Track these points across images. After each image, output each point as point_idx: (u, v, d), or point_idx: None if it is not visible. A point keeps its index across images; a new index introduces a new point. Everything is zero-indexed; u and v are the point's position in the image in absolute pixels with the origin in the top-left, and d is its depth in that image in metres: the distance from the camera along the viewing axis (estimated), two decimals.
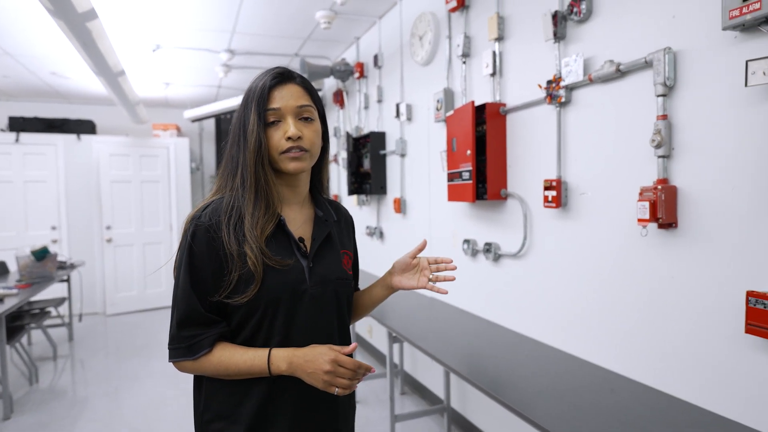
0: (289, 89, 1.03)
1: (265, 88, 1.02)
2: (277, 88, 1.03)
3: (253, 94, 1.03)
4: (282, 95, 1.02)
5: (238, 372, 0.95)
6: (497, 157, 2.35)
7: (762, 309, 1.27)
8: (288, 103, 1.02)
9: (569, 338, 2.01)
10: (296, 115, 1.03)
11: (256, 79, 1.05)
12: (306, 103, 1.04)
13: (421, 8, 3.10)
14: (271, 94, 1.02)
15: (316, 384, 0.92)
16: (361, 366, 0.93)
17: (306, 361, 0.93)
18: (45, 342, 4.82)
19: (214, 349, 0.96)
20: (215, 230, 0.96)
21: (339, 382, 0.91)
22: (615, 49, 1.75)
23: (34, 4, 3.11)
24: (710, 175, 1.45)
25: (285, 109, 1.02)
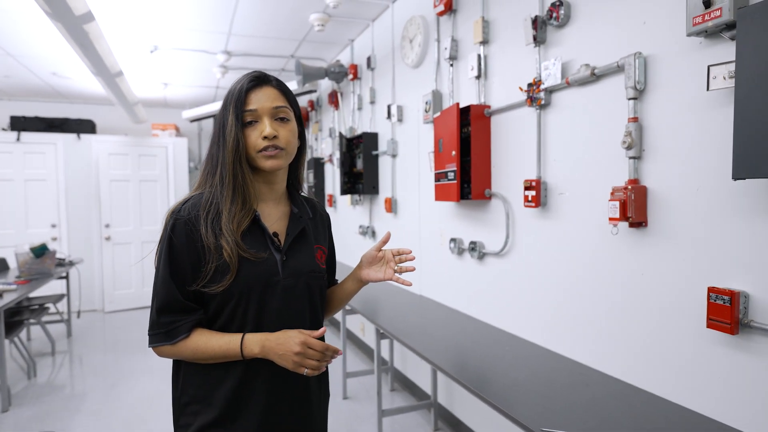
0: (265, 92, 1.09)
1: (242, 91, 1.08)
2: (254, 91, 1.09)
3: (231, 96, 1.09)
4: (258, 97, 1.08)
5: (213, 356, 1.01)
6: (482, 158, 2.41)
7: (721, 304, 1.33)
8: (264, 104, 1.08)
9: (547, 334, 2.06)
10: (272, 115, 1.09)
11: (235, 83, 1.11)
12: (282, 104, 1.10)
13: (411, 11, 3.16)
14: (248, 96, 1.08)
15: (287, 365, 0.98)
16: (328, 348, 0.99)
17: (277, 344, 0.99)
18: (44, 338, 4.89)
19: (191, 334, 1.02)
20: (194, 223, 1.02)
21: (308, 363, 0.97)
22: (591, 54, 1.81)
23: (34, 7, 3.18)
24: (677, 175, 1.50)
25: (261, 110, 1.08)
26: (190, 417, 1.04)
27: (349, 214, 4.55)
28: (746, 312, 1.31)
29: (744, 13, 1.19)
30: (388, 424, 2.97)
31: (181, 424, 1.06)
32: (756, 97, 1.16)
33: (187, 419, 1.05)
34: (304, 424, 1.11)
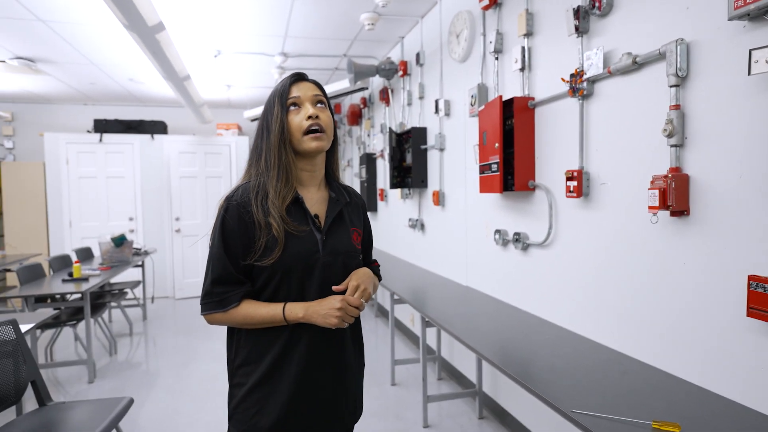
0: (305, 84, 1.24)
1: (286, 85, 1.22)
2: (296, 84, 1.23)
3: (276, 92, 1.23)
4: (300, 88, 1.22)
5: (261, 321, 1.15)
6: (525, 150, 2.43)
7: (762, 293, 1.30)
8: (306, 93, 1.22)
9: (588, 324, 2.07)
10: (313, 102, 1.22)
11: (278, 84, 1.25)
12: (320, 94, 1.23)
13: (458, 7, 3.20)
14: (291, 88, 1.22)
15: (330, 321, 1.12)
16: (362, 303, 1.16)
17: (320, 306, 1.14)
18: (123, 320, 5.40)
19: (241, 303, 1.16)
20: (245, 206, 1.16)
21: (348, 318, 1.14)
22: (633, 42, 1.80)
23: (113, 20, 3.54)
24: (720, 163, 1.48)
25: (304, 97, 1.21)
26: (243, 377, 1.19)
27: (399, 208, 4.66)
28: None
29: None
30: (434, 411, 3.05)
31: (235, 383, 1.21)
32: None
33: (240, 379, 1.20)
34: (338, 383, 1.23)
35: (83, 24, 3.85)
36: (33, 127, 6.78)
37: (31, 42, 4.26)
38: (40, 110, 6.82)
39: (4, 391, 2.11)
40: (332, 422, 1.24)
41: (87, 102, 6.91)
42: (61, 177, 6.35)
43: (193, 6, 3.53)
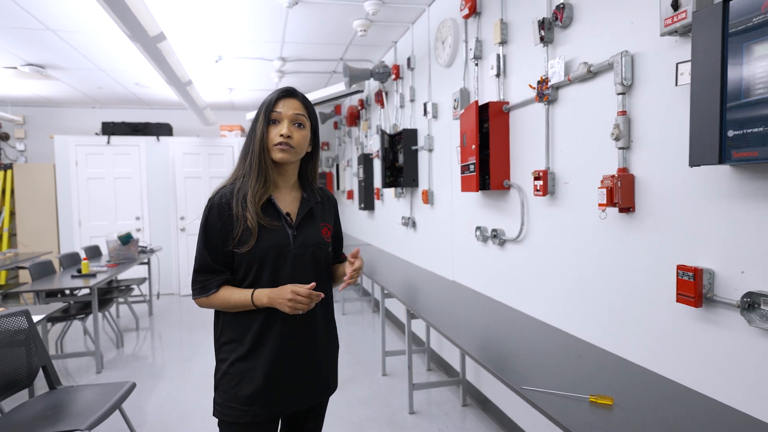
0: (291, 101, 1.40)
1: (274, 98, 1.39)
2: (282, 100, 1.39)
3: (264, 104, 1.40)
4: (284, 104, 1.39)
5: (235, 305, 1.33)
6: (500, 151, 2.58)
7: (687, 280, 1.46)
8: (288, 111, 1.38)
9: (554, 313, 2.22)
10: (292, 120, 1.38)
11: (270, 94, 1.42)
12: (301, 113, 1.40)
13: (444, 15, 3.36)
14: (277, 103, 1.39)
15: (285, 309, 1.28)
16: (312, 294, 1.28)
17: (277, 295, 1.29)
18: (130, 315, 5.61)
19: (219, 290, 1.34)
20: (226, 204, 1.34)
21: (299, 306, 1.28)
22: (589, 52, 1.95)
23: (118, 30, 3.73)
24: (658, 164, 1.63)
25: (284, 115, 1.38)
26: (227, 353, 1.37)
27: (393, 206, 4.83)
28: (711, 287, 1.44)
29: (696, 16, 1.32)
30: (421, 399, 3.22)
31: (220, 358, 1.39)
32: (704, 92, 1.29)
33: (224, 355, 1.37)
34: (310, 361, 1.40)
35: (90, 33, 4.05)
36: (44, 130, 7.03)
37: (41, 49, 4.48)
38: (50, 113, 7.07)
39: (17, 375, 2.31)
40: (305, 395, 1.41)
41: (95, 105, 7.14)
42: (70, 178, 6.59)
43: (194, 14, 3.72)
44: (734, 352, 1.38)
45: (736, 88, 1.22)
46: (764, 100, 1.15)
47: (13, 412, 2.22)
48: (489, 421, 2.91)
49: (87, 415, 2.12)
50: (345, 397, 3.31)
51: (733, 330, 1.38)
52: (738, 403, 1.38)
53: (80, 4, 3.39)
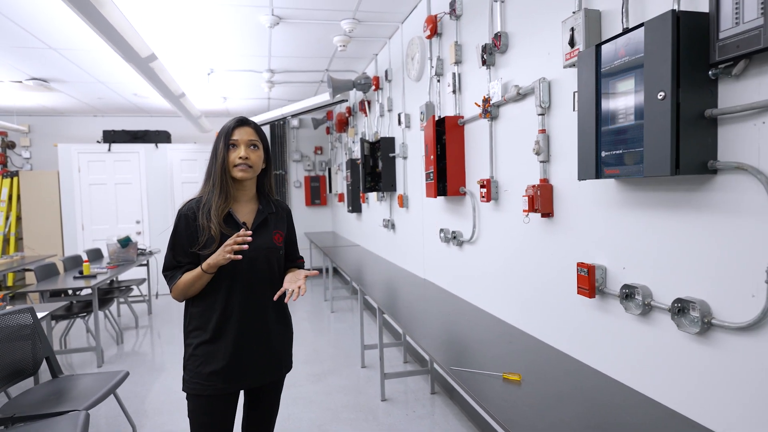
0: (245, 129, 1.68)
1: (230, 128, 1.67)
2: (238, 128, 1.67)
3: (223, 131, 1.68)
4: (240, 132, 1.66)
5: (192, 281, 1.58)
6: (456, 160, 2.85)
7: (583, 275, 1.73)
8: (243, 137, 1.66)
9: (497, 305, 2.50)
10: (248, 144, 1.66)
11: (226, 123, 1.70)
12: (254, 138, 1.68)
13: (413, 33, 3.64)
14: (233, 131, 1.66)
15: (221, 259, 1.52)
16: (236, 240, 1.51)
17: (215, 254, 1.55)
18: (130, 314, 5.91)
19: (181, 277, 1.62)
20: (192, 215, 1.62)
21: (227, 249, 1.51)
22: (520, 76, 2.22)
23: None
24: (568, 176, 1.89)
25: (240, 141, 1.66)
26: (193, 339, 1.65)
27: (376, 210, 5.10)
28: (604, 281, 1.70)
29: (580, 56, 1.59)
30: (394, 388, 3.48)
31: (187, 342, 1.67)
32: (585, 118, 1.56)
33: (191, 340, 1.65)
34: (264, 345, 1.68)
35: (90, 51, 4.35)
36: (48, 138, 7.36)
37: (44, 66, 4.78)
38: (54, 122, 7.39)
39: (23, 365, 2.60)
40: (261, 373, 1.69)
41: (96, 114, 7.46)
42: (73, 184, 6.90)
43: (184, 32, 4.01)
44: (619, 334, 1.65)
45: (606, 116, 1.49)
46: (622, 128, 1.42)
47: (19, 397, 2.51)
48: (454, 407, 3.18)
49: (85, 398, 2.41)
50: (325, 386, 3.59)
51: (618, 316, 1.64)
52: (620, 376, 1.64)
53: (79, 27, 3.68)
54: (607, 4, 1.65)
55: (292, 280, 1.65)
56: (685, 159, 1.24)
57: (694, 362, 1.37)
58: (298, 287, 1.57)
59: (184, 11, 3.53)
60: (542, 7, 2.01)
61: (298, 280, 1.64)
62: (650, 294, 1.51)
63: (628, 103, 1.39)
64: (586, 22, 1.66)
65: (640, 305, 1.53)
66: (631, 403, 1.51)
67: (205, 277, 1.59)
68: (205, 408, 1.63)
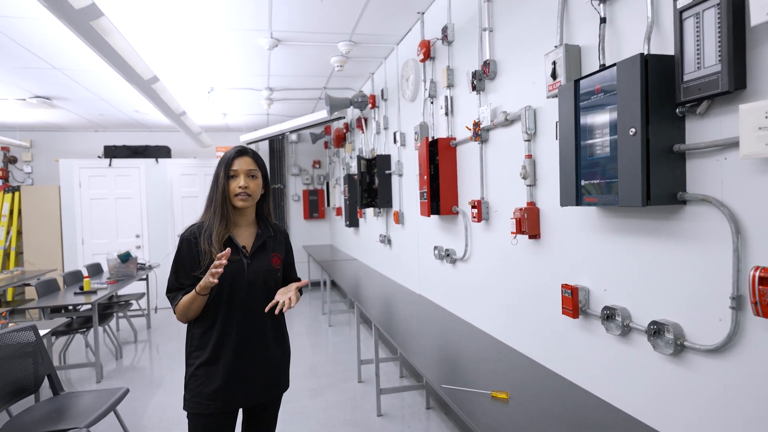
0: (244, 159, 1.76)
1: (230, 158, 1.75)
2: (237, 158, 1.76)
3: (224, 160, 1.77)
4: (239, 162, 1.75)
5: (189, 303, 1.65)
6: (449, 180, 2.94)
7: (567, 296, 1.80)
8: (242, 167, 1.75)
9: (489, 322, 2.57)
10: (247, 174, 1.75)
11: (227, 152, 1.79)
12: (253, 168, 1.76)
13: (408, 55, 3.75)
14: (233, 161, 1.75)
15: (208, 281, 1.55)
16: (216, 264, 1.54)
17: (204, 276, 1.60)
18: (129, 329, 5.95)
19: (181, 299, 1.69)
20: (194, 240, 1.70)
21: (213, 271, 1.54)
22: (508, 103, 2.31)
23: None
24: (553, 199, 1.98)
25: (240, 170, 1.74)
26: (194, 359, 1.71)
27: (373, 225, 5.18)
28: (587, 302, 1.78)
29: (560, 89, 1.68)
30: (390, 403, 3.53)
31: (189, 363, 1.73)
32: (566, 148, 1.65)
33: (192, 360, 1.72)
34: (262, 365, 1.74)
35: (92, 71, 4.46)
36: (49, 153, 7.45)
37: (48, 84, 4.89)
38: (55, 138, 7.49)
39: (25, 382, 2.65)
40: (258, 392, 1.75)
41: (98, 129, 7.57)
42: (74, 199, 6.98)
43: (186, 53, 4.11)
44: (602, 354, 1.72)
45: (584, 148, 1.57)
46: (599, 159, 1.51)
47: (21, 415, 2.57)
48: (449, 422, 3.23)
49: (85, 416, 2.46)
50: (322, 402, 3.63)
51: (600, 336, 1.72)
52: (604, 394, 1.71)
53: (84, 48, 3.79)
54: (586, 40, 1.75)
55: (284, 292, 1.72)
56: (656, 190, 1.33)
57: (670, 382, 1.44)
58: (289, 298, 1.65)
59: (186, 34, 3.64)
60: (527, 39, 2.11)
61: (289, 291, 1.71)
62: (629, 316, 1.59)
63: (604, 135, 1.48)
64: (566, 57, 1.75)
65: (620, 326, 1.60)
66: (613, 421, 1.57)
67: (200, 299, 1.65)
68: (205, 427, 1.69)
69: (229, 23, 3.49)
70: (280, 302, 1.64)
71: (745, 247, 1.20)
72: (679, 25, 1.27)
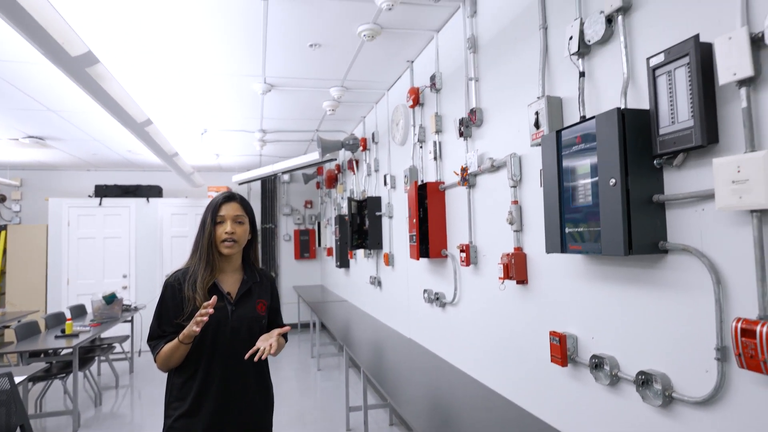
0: (231, 205, 1.77)
1: (218, 203, 1.76)
2: (225, 204, 1.76)
3: (211, 205, 1.77)
4: (227, 208, 1.76)
5: (171, 351, 1.60)
6: (438, 224, 2.96)
7: (556, 344, 1.78)
8: (229, 213, 1.75)
9: (478, 368, 2.52)
10: (234, 220, 1.75)
11: (215, 197, 1.79)
12: (240, 213, 1.77)
13: (398, 100, 3.85)
14: (220, 207, 1.75)
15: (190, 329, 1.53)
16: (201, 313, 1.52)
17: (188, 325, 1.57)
18: (110, 373, 5.76)
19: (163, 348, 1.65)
20: (179, 285, 1.68)
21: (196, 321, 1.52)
22: (495, 149, 2.36)
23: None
24: (540, 246, 1.99)
25: (227, 216, 1.74)
26: (173, 410, 1.65)
27: (364, 266, 5.16)
28: (575, 350, 1.76)
29: (543, 139, 1.73)
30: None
31: (167, 414, 1.67)
32: (550, 196, 1.67)
33: (170, 411, 1.66)
34: (245, 418, 1.68)
35: (87, 112, 4.51)
36: (40, 192, 7.42)
37: (41, 125, 4.93)
38: (46, 176, 7.48)
39: None
40: None
41: (90, 168, 7.58)
42: (62, 238, 6.90)
43: (180, 97, 4.19)
44: (592, 403, 1.69)
45: (567, 196, 1.60)
46: (582, 207, 1.53)
47: None
48: None
49: None
50: None
51: (589, 386, 1.69)
52: None
53: (78, 91, 3.85)
54: (567, 92, 1.81)
55: (265, 339, 1.67)
56: (637, 240, 1.34)
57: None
58: (269, 345, 1.60)
59: (181, 78, 3.73)
60: (512, 89, 2.19)
61: (271, 338, 1.66)
62: (617, 365, 1.57)
63: (586, 185, 1.51)
64: (548, 108, 1.81)
65: (608, 375, 1.58)
66: None
67: (182, 347, 1.62)
68: None
69: (224, 69, 3.58)
70: (261, 349, 1.60)
71: (727, 298, 1.21)
72: (653, 81, 1.32)
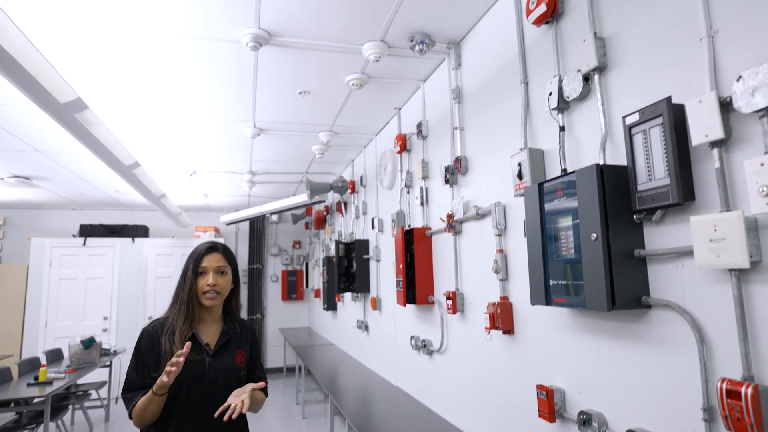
0: (214, 256, 1.74)
1: (200, 254, 1.73)
2: (207, 254, 1.74)
3: (193, 255, 1.74)
4: (209, 259, 1.73)
5: (146, 404, 1.53)
6: (425, 270, 2.94)
7: (543, 399, 1.74)
8: (212, 264, 1.72)
9: (467, 419, 2.44)
10: (216, 271, 1.72)
11: (198, 246, 1.77)
12: (223, 264, 1.74)
13: (385, 146, 3.91)
14: (203, 258, 1.73)
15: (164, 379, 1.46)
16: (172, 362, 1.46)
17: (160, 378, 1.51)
18: (84, 422, 5.50)
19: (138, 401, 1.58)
20: (156, 336, 1.62)
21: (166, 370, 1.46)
22: (480, 197, 2.38)
23: None
24: (526, 295, 1.98)
25: (209, 267, 1.72)
26: None
27: (351, 310, 5.08)
28: (563, 404, 1.72)
29: (526, 190, 1.75)
30: None
31: None
32: (534, 248, 1.68)
33: None
34: None
35: (74, 153, 4.51)
36: (22, 231, 7.30)
37: (28, 165, 4.91)
38: (30, 215, 7.38)
39: None
40: None
41: (75, 207, 7.50)
42: (42, 279, 6.74)
43: (169, 140, 4.22)
44: None
45: (550, 248, 1.61)
46: (566, 260, 1.53)
47: None
48: None
49: None
50: None
51: None
52: None
53: (66, 134, 3.86)
54: (548, 145, 1.85)
55: (237, 394, 1.60)
56: (620, 295, 1.34)
57: None
58: (242, 401, 1.54)
59: (170, 122, 3.76)
60: (496, 139, 2.23)
61: (243, 392, 1.59)
62: (605, 422, 1.53)
63: (568, 237, 1.52)
64: (530, 160, 1.84)
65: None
66: None
67: (157, 399, 1.55)
68: None
69: (213, 114, 3.63)
70: (232, 406, 1.53)
71: (711, 356, 1.20)
72: (629, 139, 1.36)
